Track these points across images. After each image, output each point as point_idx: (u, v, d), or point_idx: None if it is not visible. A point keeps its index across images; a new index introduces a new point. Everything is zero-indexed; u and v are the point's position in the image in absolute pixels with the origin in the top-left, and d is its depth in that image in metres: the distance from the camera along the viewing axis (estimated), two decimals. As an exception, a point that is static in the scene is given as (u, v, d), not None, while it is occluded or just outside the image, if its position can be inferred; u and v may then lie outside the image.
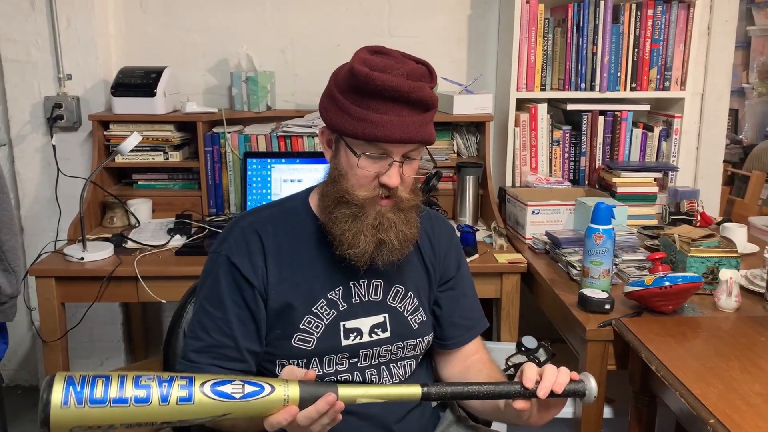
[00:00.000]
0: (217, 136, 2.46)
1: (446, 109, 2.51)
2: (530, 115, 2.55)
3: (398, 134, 1.10)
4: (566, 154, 2.62)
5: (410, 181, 1.18)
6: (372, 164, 1.13)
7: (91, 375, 0.86)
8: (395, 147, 1.12)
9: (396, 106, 1.10)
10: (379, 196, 1.15)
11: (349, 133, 1.13)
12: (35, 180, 2.62)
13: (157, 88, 2.37)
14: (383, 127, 1.10)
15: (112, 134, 2.42)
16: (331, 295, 1.21)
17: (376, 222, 1.15)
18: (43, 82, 2.54)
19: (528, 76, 2.52)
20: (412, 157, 1.16)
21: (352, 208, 1.16)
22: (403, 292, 1.26)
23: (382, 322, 1.24)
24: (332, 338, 1.21)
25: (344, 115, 1.14)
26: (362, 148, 1.13)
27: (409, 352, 1.27)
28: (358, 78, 1.10)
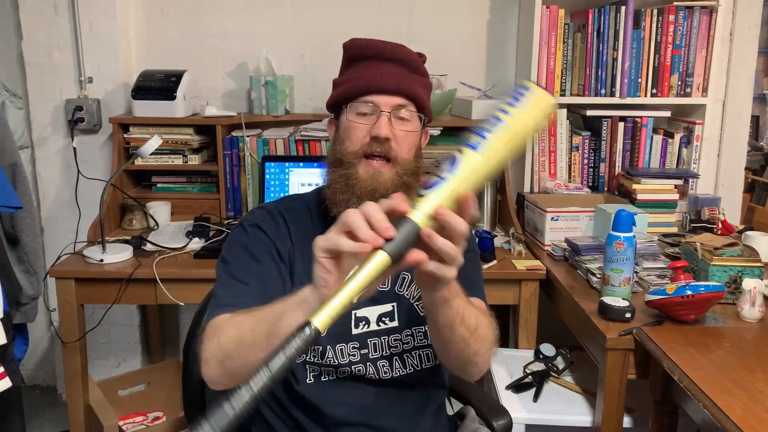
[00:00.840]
0: (236, 139, 2.47)
1: (465, 114, 2.50)
2: (549, 121, 2.53)
3: (382, 82, 1.16)
4: (585, 160, 2.60)
5: (405, 141, 1.17)
6: (363, 119, 1.16)
7: None
8: (382, 98, 1.15)
9: (380, 63, 1.18)
10: (372, 153, 1.15)
11: (341, 96, 1.20)
12: (56, 182, 2.64)
13: (177, 91, 2.38)
14: (368, 78, 1.17)
15: (132, 137, 2.44)
16: None
17: (369, 186, 1.14)
18: (65, 84, 2.56)
19: (547, 81, 2.51)
20: (404, 116, 1.17)
21: (345, 168, 1.17)
22: (410, 279, 1.25)
23: (390, 311, 1.23)
24: (343, 325, 1.20)
25: (338, 87, 1.23)
26: (352, 106, 1.17)
27: (421, 341, 1.25)
28: (345, 47, 1.23)
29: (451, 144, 2.54)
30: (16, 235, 1.79)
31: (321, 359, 1.19)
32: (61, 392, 2.79)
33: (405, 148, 1.18)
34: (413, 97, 1.19)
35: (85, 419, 2.12)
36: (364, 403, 1.20)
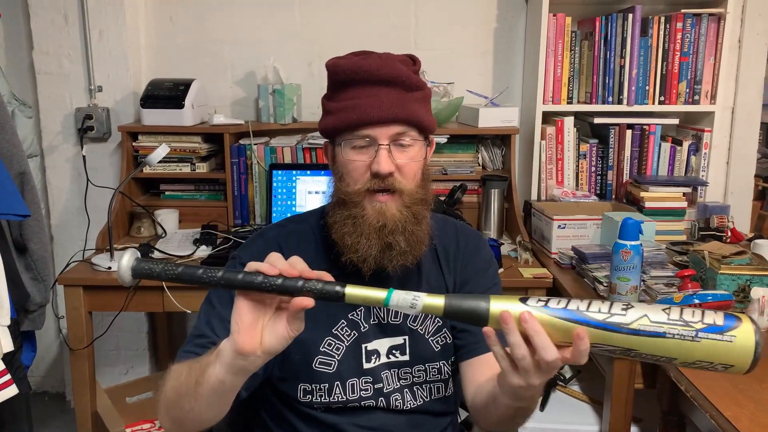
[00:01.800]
0: (244, 147, 2.48)
1: (471, 122, 2.50)
2: (556, 129, 2.53)
3: (374, 113, 1.07)
4: (593, 167, 2.59)
5: (409, 170, 1.10)
6: (360, 154, 1.09)
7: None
8: (378, 130, 1.08)
9: (369, 87, 1.09)
10: (376, 190, 1.08)
11: (332, 128, 1.12)
12: (65, 190, 2.66)
13: (185, 100, 2.40)
14: (358, 110, 1.07)
15: (141, 145, 2.46)
16: (352, 316, 1.17)
17: (378, 223, 1.08)
18: (75, 93, 2.58)
19: (554, 89, 2.51)
20: (405, 143, 1.10)
21: (350, 208, 1.10)
22: (423, 315, 1.19)
23: (401, 344, 1.19)
24: (354, 360, 1.17)
25: (328, 115, 1.14)
26: (347, 140, 1.10)
27: (434, 376, 1.21)
28: (329, 70, 1.13)
29: (458, 152, 2.54)
30: (25, 243, 1.80)
31: (329, 396, 1.16)
32: (70, 399, 2.80)
33: (410, 177, 1.11)
34: (412, 121, 1.10)
35: (93, 426, 2.13)
36: (374, 426, 1.18)
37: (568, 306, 0.79)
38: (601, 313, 0.77)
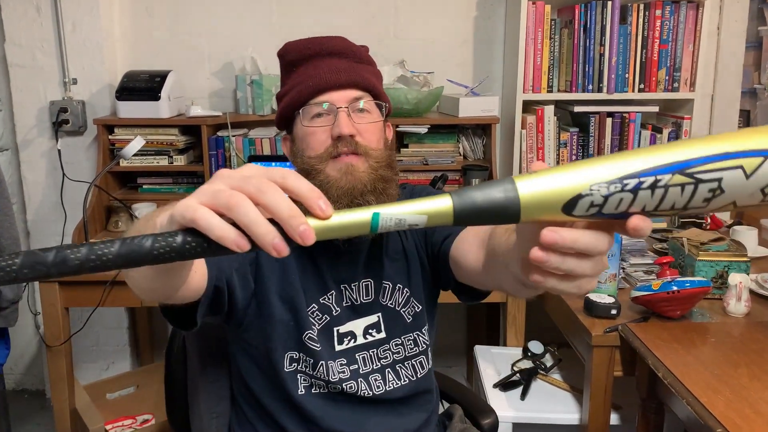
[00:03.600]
0: (222, 139, 2.45)
1: (452, 112, 2.49)
2: (537, 117, 2.52)
3: (330, 78, 1.10)
4: (574, 156, 2.59)
5: (371, 134, 1.11)
6: (320, 121, 1.10)
7: None
8: (336, 95, 1.10)
9: (321, 59, 1.12)
10: (340, 153, 1.08)
11: (289, 105, 1.14)
12: (41, 184, 2.62)
13: (162, 91, 2.37)
14: (315, 77, 1.10)
15: (117, 138, 2.42)
16: (323, 300, 1.18)
17: (346, 184, 1.07)
18: (49, 86, 2.54)
19: (534, 77, 2.50)
20: (364, 108, 1.12)
21: (314, 177, 1.09)
22: (391, 287, 1.21)
23: (376, 322, 1.20)
24: (326, 343, 1.17)
25: (284, 97, 1.16)
26: (305, 111, 1.12)
27: (412, 350, 1.22)
28: (280, 54, 1.18)
29: (439, 142, 2.52)
30: (-3, 238, 1.77)
31: (313, 371, 1.16)
32: (50, 397, 2.77)
33: (372, 140, 1.12)
34: (368, 87, 1.13)
35: (72, 424, 2.11)
36: (359, 419, 1.18)
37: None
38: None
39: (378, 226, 0.53)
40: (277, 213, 0.49)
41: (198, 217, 0.49)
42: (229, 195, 0.49)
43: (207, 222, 0.48)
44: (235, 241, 0.48)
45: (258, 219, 0.48)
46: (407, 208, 0.53)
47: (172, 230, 0.51)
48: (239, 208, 0.48)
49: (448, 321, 2.83)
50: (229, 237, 0.48)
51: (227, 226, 0.48)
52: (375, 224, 0.53)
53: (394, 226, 0.53)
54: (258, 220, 0.48)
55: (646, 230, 0.53)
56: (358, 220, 0.52)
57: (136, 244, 0.50)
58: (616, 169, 0.52)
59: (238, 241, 0.48)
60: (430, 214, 0.53)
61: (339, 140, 1.08)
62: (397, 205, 0.53)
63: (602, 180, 0.51)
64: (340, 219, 0.52)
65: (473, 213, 0.53)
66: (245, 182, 0.50)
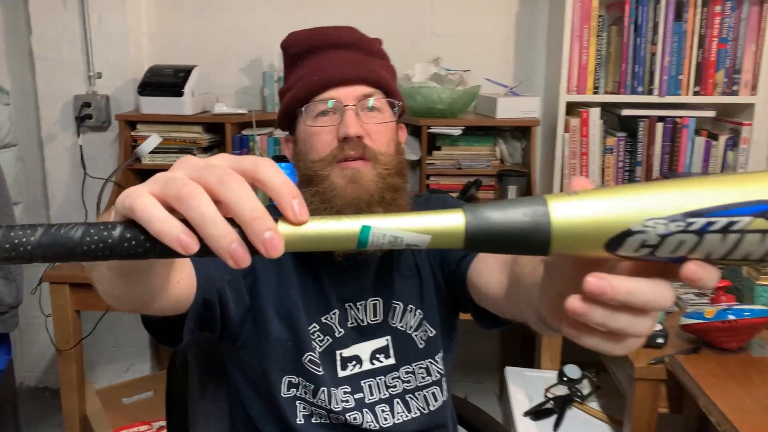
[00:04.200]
0: (246, 138, 2.35)
1: (489, 113, 2.33)
2: (581, 121, 2.35)
3: (337, 72, 0.99)
4: (620, 163, 2.40)
5: (381, 135, 1.00)
6: (325, 120, 1.00)
7: None
8: (343, 91, 0.99)
9: (329, 51, 1.02)
10: (345, 157, 0.97)
11: (292, 102, 1.02)
12: (64, 181, 2.57)
13: (185, 87, 2.28)
14: (320, 71, 1.00)
15: (140, 134, 2.34)
16: (325, 319, 1.05)
17: (351, 194, 0.96)
18: (74, 80, 2.48)
19: (580, 78, 2.33)
20: (374, 106, 1.01)
21: (316, 183, 0.98)
22: (402, 308, 1.08)
23: (384, 346, 1.07)
24: (329, 367, 1.05)
25: (286, 93, 1.05)
26: (309, 109, 1.00)
27: (424, 379, 1.08)
28: (284, 46, 1.07)
29: (474, 145, 2.37)
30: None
31: (313, 397, 1.04)
32: (70, 396, 2.72)
33: (382, 143, 1.00)
34: (379, 83, 1.02)
35: (81, 430, 2.03)
36: None
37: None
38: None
39: (367, 242, 0.41)
40: (237, 212, 0.39)
41: (137, 206, 0.40)
42: (181, 184, 0.40)
43: (146, 212, 0.40)
44: (178, 239, 0.39)
45: (212, 216, 0.39)
46: (406, 222, 0.41)
47: (112, 221, 0.42)
48: (190, 200, 0.39)
49: (479, 333, 2.67)
50: (170, 233, 0.39)
51: (171, 221, 0.39)
52: (363, 239, 0.41)
53: (387, 244, 0.42)
54: (212, 218, 0.39)
55: (709, 282, 0.39)
56: (342, 232, 0.41)
57: (62, 234, 0.40)
58: (678, 201, 0.39)
59: (183, 239, 0.39)
60: (434, 234, 0.41)
61: (345, 142, 0.97)
62: (394, 217, 0.42)
63: (660, 214, 0.39)
64: (318, 227, 0.41)
65: (489, 238, 0.41)
66: (207, 171, 0.41)
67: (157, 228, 0.39)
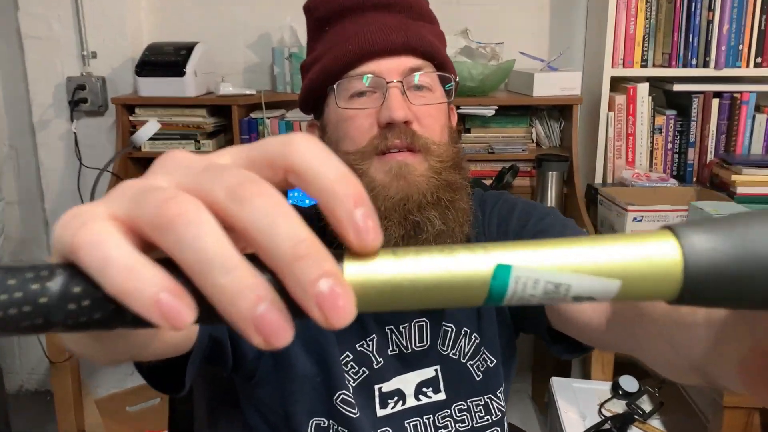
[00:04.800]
0: (255, 122, 2.13)
1: (524, 90, 2.10)
2: (628, 98, 2.10)
3: (378, 40, 0.78)
4: (670, 144, 2.17)
5: (432, 120, 0.79)
6: (362, 102, 0.79)
7: None
8: (385, 63, 0.78)
9: (364, 15, 0.80)
10: (389, 147, 0.76)
11: (319, 79, 0.81)
12: (59, 171, 2.36)
13: (187, 66, 2.05)
14: (356, 39, 0.79)
15: (138, 119, 2.12)
16: (360, 347, 0.85)
17: (397, 194, 0.76)
18: (66, 60, 2.26)
19: (626, 49, 2.08)
20: (423, 84, 0.80)
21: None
22: (454, 331, 0.87)
23: (433, 377, 0.87)
24: (365, 405, 0.85)
25: (311, 67, 0.83)
26: (342, 87, 0.80)
27: (482, 419, 0.88)
28: (308, 8, 0.86)
29: (507, 126, 2.14)
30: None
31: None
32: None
33: (435, 129, 0.79)
34: (429, 53, 0.81)
35: (79, 448, 1.85)
36: None
37: None
38: None
39: (505, 293, 0.25)
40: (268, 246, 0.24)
41: (83, 242, 0.24)
42: (165, 200, 0.24)
43: (98, 254, 0.24)
44: (155, 303, 0.23)
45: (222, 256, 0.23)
46: (575, 257, 0.25)
47: (51, 264, 0.25)
48: (180, 228, 0.24)
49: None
50: (141, 293, 0.23)
51: (143, 270, 0.23)
52: (499, 289, 0.25)
53: (540, 297, 0.25)
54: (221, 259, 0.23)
55: None
56: (458, 277, 0.25)
57: None
58: None
59: (165, 304, 0.23)
60: (628, 278, 0.25)
61: (389, 129, 0.77)
62: (548, 248, 0.25)
63: None
64: (407, 267, 0.25)
65: (727, 284, 0.25)
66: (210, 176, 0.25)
67: (117, 283, 0.23)
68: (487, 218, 0.90)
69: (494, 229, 0.89)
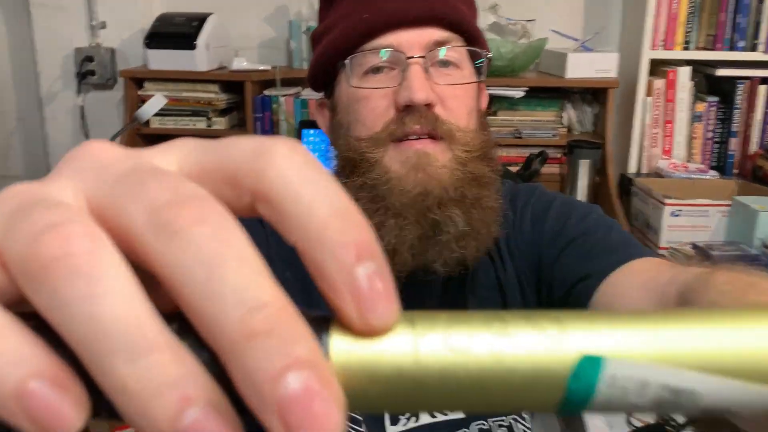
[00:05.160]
0: (269, 99, 2.02)
1: (556, 71, 1.96)
2: (667, 82, 1.96)
3: (398, 7, 0.66)
4: (710, 133, 2.02)
5: (459, 102, 0.68)
6: (378, 80, 0.68)
7: None
8: (405, 35, 0.67)
9: None
10: (407, 133, 0.66)
11: (330, 51, 0.70)
12: (67, 145, 2.27)
13: (199, 39, 1.94)
14: (371, 4, 0.67)
15: (147, 94, 2.01)
16: None
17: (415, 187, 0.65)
18: (75, 30, 2.16)
19: (668, 30, 1.93)
20: (450, 60, 0.69)
21: (363, 171, 0.67)
22: None
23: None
24: (373, 424, 0.75)
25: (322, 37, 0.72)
26: (356, 62, 0.69)
27: None
28: None
29: (536, 109, 2.01)
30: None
31: None
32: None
33: (461, 114, 0.68)
34: (458, 23, 0.69)
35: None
36: None
37: None
38: None
39: (591, 397, 0.16)
40: (207, 315, 0.15)
41: None
42: (46, 227, 0.16)
43: None
44: (20, 397, 0.14)
45: (134, 333, 0.15)
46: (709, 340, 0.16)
47: None
48: (60, 284, 0.15)
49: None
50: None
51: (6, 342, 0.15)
52: (583, 391, 0.16)
53: (646, 406, 0.16)
54: (132, 339, 0.15)
55: None
56: (520, 373, 0.16)
57: None
58: None
59: (36, 399, 0.14)
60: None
61: (407, 112, 0.65)
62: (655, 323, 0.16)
63: None
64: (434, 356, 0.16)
65: None
66: (134, 187, 0.17)
67: None
68: (519, 217, 0.79)
69: (527, 229, 0.78)
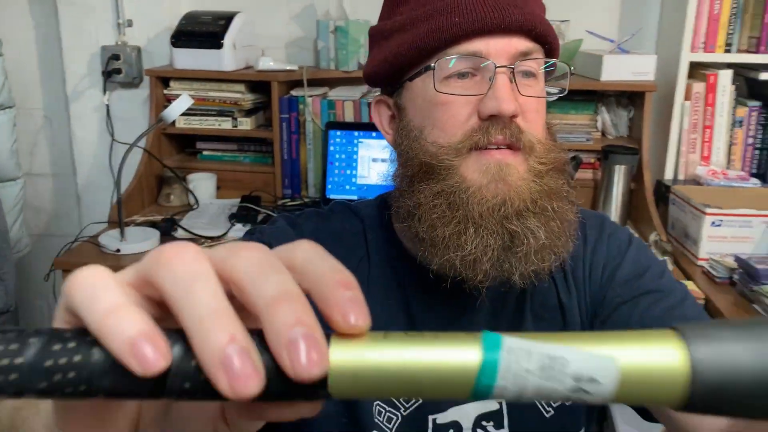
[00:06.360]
0: (296, 100, 1.98)
1: (591, 74, 1.90)
2: (707, 86, 1.89)
3: (493, 15, 0.63)
4: (751, 139, 1.95)
5: (536, 116, 0.67)
6: (463, 86, 0.65)
7: None
8: (494, 43, 0.64)
9: None
10: (489, 143, 0.64)
11: (407, 51, 0.67)
12: (93, 144, 2.26)
13: (225, 38, 1.91)
14: (460, 7, 0.64)
15: (173, 93, 2.00)
16: None
17: (495, 197, 0.63)
18: (102, 29, 2.15)
19: (708, 31, 1.86)
20: (531, 71, 0.67)
21: (442, 178, 0.65)
22: None
23: (496, 411, 0.73)
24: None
25: (393, 33, 0.69)
26: (442, 66, 0.65)
27: None
28: None
29: (570, 113, 1.95)
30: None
31: None
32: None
33: (539, 126, 0.67)
34: (544, 35, 0.67)
35: None
36: None
37: None
38: None
39: (493, 382, 0.23)
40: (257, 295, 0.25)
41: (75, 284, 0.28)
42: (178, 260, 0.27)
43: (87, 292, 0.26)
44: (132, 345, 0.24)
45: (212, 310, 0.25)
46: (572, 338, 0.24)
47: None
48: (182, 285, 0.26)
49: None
50: (118, 334, 0.25)
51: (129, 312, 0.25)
52: (487, 376, 0.23)
53: (531, 392, 0.24)
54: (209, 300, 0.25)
55: None
56: (441, 368, 0.24)
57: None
58: None
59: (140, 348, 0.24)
60: (626, 373, 0.24)
61: (492, 121, 0.64)
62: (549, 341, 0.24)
63: None
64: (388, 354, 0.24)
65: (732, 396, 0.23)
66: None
67: (96, 320, 0.25)
68: (589, 247, 0.75)
69: (599, 265, 0.74)
